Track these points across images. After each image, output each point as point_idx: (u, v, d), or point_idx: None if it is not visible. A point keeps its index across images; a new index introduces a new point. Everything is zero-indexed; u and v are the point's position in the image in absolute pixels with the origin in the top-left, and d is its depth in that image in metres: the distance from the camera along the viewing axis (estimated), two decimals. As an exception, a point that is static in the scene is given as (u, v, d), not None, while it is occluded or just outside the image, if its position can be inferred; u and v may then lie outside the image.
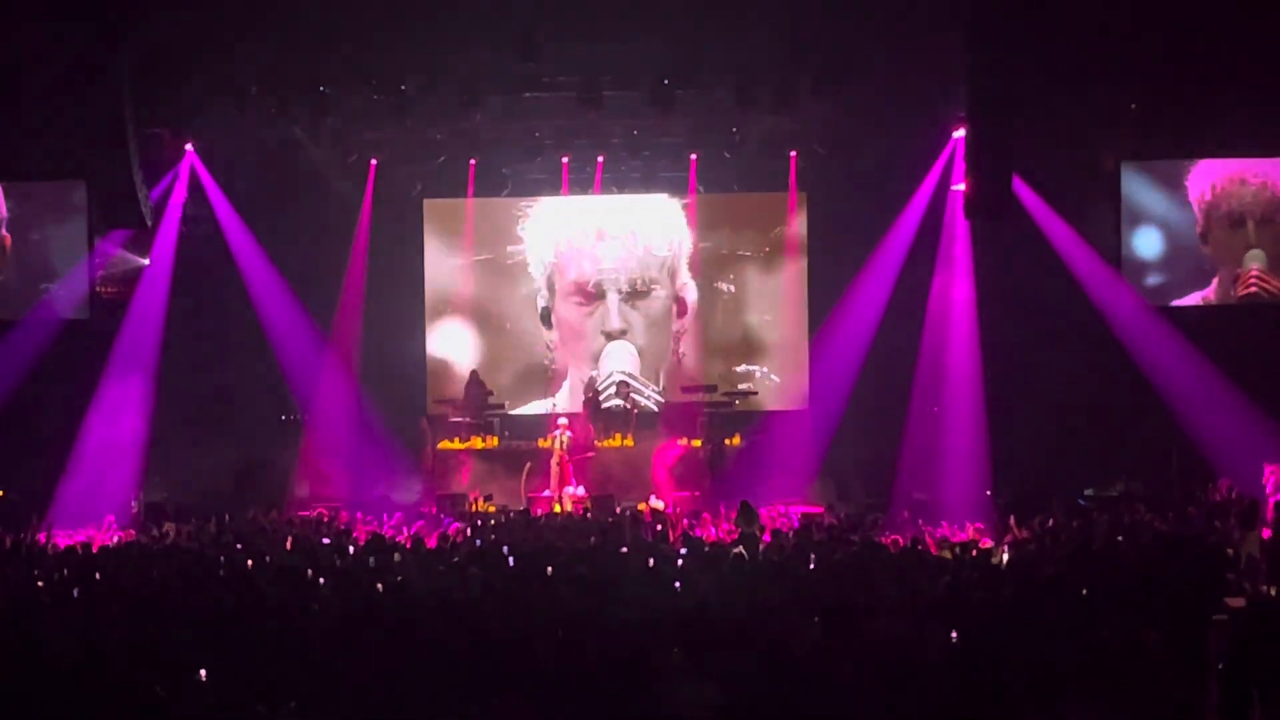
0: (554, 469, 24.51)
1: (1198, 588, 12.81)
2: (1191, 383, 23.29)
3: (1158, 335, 23.94)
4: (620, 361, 28.20)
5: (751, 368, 28.24)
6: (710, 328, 28.61)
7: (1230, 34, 21.71)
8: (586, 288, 28.41)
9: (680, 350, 28.40)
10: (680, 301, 28.48)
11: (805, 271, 28.24)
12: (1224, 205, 24.61)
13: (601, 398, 27.06)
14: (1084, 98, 22.95)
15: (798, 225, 28.34)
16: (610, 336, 28.37)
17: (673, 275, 28.50)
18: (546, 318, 28.59)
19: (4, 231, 25.07)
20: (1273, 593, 14.95)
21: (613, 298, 28.36)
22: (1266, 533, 16.83)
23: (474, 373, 26.96)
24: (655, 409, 27.61)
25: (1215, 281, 24.74)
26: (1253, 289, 24.53)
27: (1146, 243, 24.74)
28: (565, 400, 27.94)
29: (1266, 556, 16.14)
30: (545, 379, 28.42)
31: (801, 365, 28.04)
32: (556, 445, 24.68)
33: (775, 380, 28.24)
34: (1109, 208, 24.70)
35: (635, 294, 28.42)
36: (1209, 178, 24.68)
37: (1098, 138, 24.31)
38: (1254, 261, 24.57)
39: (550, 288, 28.62)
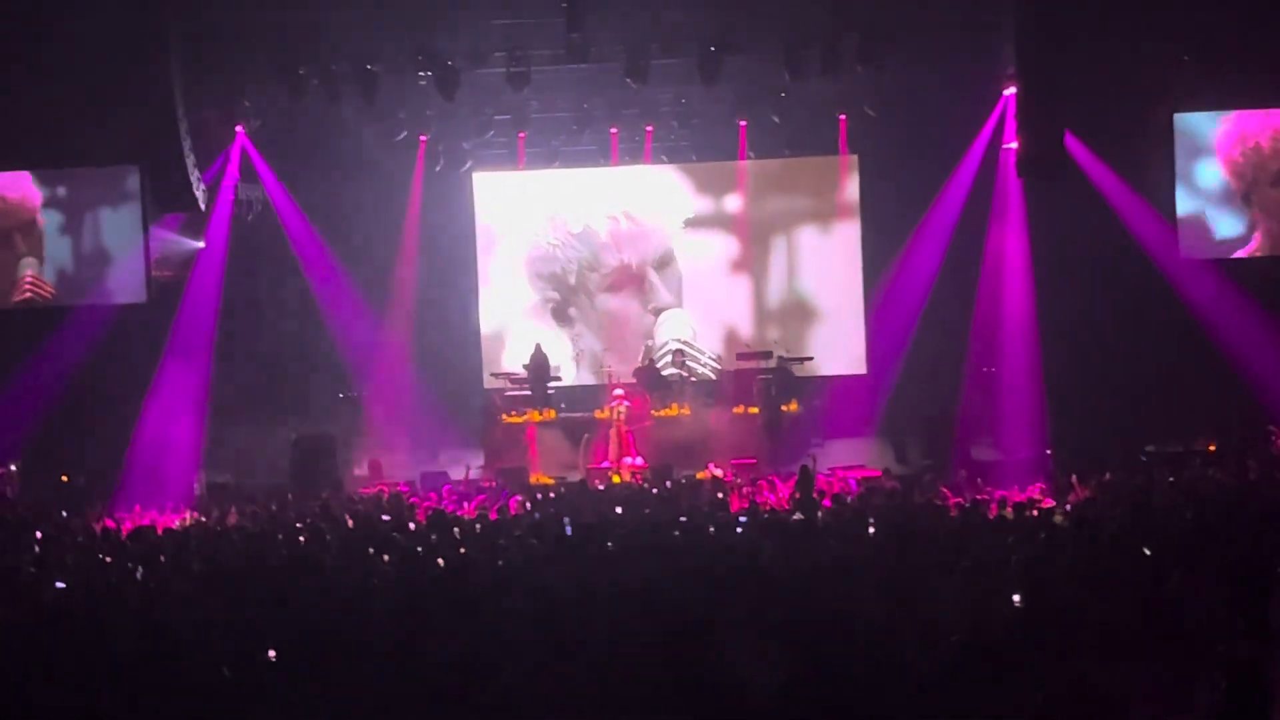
0: (612, 439, 24.52)
1: (1261, 543, 12.72)
2: (1251, 336, 23.09)
3: (1215, 288, 23.73)
4: (677, 329, 28.21)
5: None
6: (764, 293, 28.54)
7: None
8: (630, 270, 28.48)
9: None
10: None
11: (859, 234, 28.13)
12: (1274, 163, 24.32)
13: (658, 365, 27.08)
14: (1134, 50, 22.76)
15: (849, 189, 28.23)
16: (659, 311, 28.43)
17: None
18: (561, 314, 28.72)
19: (39, 217, 25.27)
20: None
21: (652, 274, 28.42)
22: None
23: (538, 345, 26.96)
24: (712, 376, 27.61)
25: (1257, 237, 24.47)
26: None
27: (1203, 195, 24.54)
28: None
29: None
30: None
31: (857, 329, 27.95)
32: (614, 416, 24.68)
33: (829, 347, 28.12)
34: (1163, 161, 24.48)
35: (662, 265, 28.54)
36: (1237, 135, 24.38)
37: (1150, 90, 24.05)
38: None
39: (564, 284, 28.75)
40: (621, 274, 28.55)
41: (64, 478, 23.69)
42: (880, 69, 23.77)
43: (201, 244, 25.76)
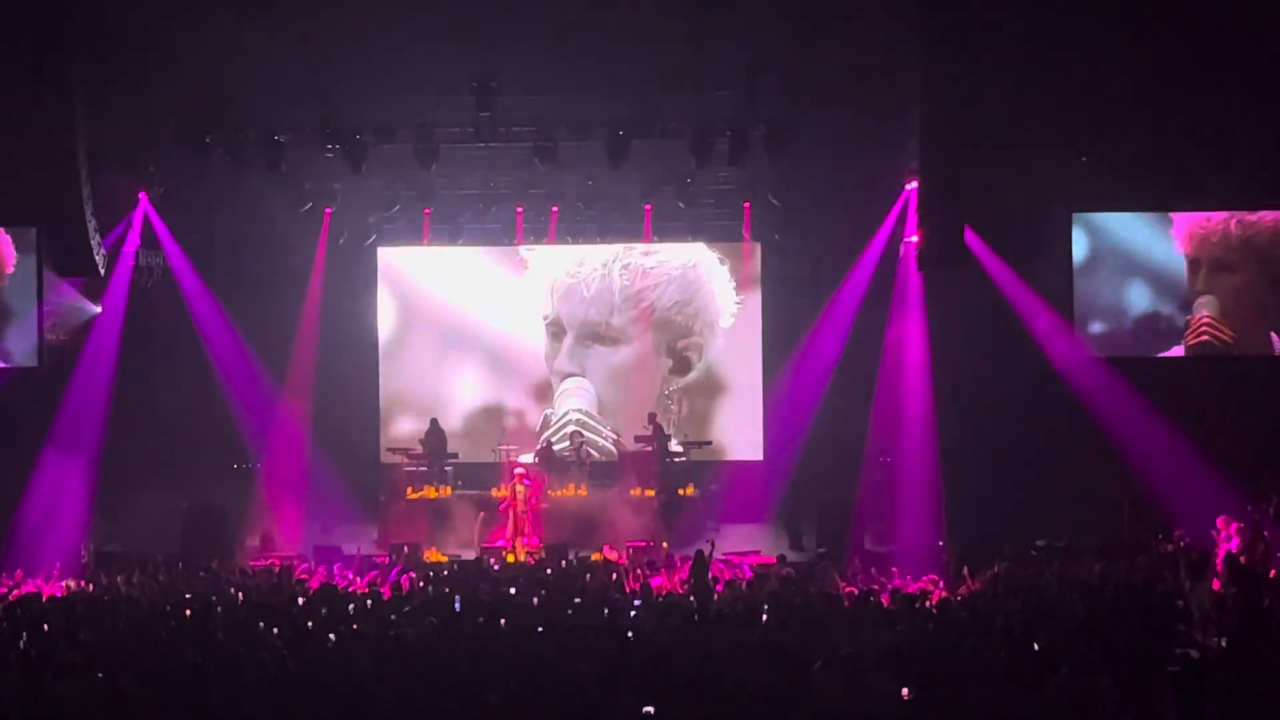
0: (509, 518, 24.35)
1: (1149, 639, 12.87)
2: (1144, 433, 23.36)
3: (1109, 386, 24.01)
4: (577, 398, 28.17)
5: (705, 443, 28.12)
6: (667, 376, 28.61)
7: (1178, 88, 22.02)
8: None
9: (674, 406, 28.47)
10: (683, 359, 28.66)
11: (760, 322, 28.25)
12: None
13: (555, 441, 27.11)
14: (1034, 149, 23.15)
15: (752, 276, 28.38)
16: (563, 376, 28.44)
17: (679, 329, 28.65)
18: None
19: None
20: (1222, 644, 15.03)
21: (569, 338, 28.44)
22: (1217, 584, 16.91)
23: (434, 421, 26.93)
24: (612, 449, 27.60)
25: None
26: (1204, 337, 24.57)
27: (1101, 293, 24.83)
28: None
29: (1216, 608, 16.24)
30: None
31: (756, 415, 28.05)
32: (511, 494, 24.50)
33: (728, 432, 28.20)
34: (1060, 258, 24.79)
35: (599, 337, 28.47)
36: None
37: (1049, 189, 24.40)
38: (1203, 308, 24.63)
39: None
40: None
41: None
42: (786, 160, 24.05)
43: (99, 309, 25.42)
